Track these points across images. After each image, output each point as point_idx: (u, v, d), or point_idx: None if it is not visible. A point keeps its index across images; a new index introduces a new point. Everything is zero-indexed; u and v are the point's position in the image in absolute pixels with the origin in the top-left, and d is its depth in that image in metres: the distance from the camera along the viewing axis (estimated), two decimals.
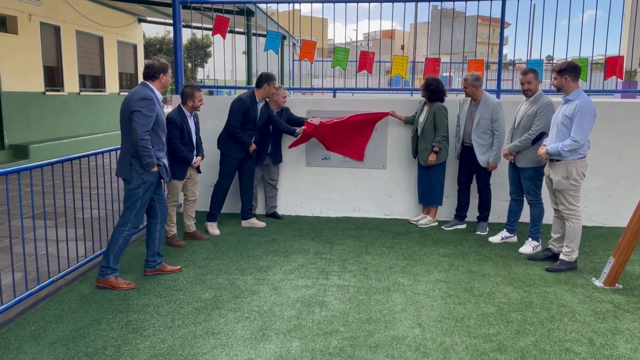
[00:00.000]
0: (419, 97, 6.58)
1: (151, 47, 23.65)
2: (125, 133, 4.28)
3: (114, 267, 4.35)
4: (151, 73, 4.39)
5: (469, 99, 5.93)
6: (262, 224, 6.35)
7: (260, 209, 6.86)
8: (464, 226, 6.27)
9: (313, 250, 5.45)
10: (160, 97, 4.42)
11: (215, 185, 6.10)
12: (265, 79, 5.93)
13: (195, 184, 5.68)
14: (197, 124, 5.61)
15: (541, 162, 5.13)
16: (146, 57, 21.68)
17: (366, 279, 4.65)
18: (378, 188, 6.80)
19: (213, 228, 6.02)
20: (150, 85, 4.37)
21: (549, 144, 4.82)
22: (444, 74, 18.43)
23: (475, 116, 5.82)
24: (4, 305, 3.78)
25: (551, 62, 7.45)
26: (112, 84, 14.53)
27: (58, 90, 12.12)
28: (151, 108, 4.21)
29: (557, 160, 4.78)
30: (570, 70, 4.70)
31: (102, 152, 5.23)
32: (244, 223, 6.32)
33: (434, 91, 6.04)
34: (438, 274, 4.78)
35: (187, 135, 5.38)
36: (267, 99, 6.20)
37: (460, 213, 6.27)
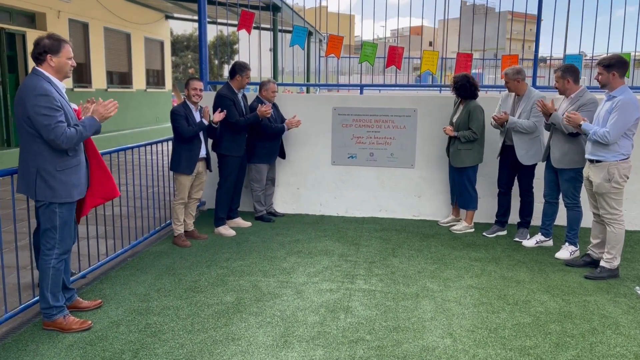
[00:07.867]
0: (447, 93, 6.32)
1: (178, 44, 23.78)
2: None
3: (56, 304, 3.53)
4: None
5: (512, 94, 5.58)
6: (248, 224, 6.12)
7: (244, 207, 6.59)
8: (504, 232, 5.91)
9: (338, 252, 5.27)
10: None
11: (218, 188, 5.82)
12: (238, 69, 5.74)
13: (202, 182, 5.53)
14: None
15: (582, 163, 4.84)
16: (173, 54, 21.81)
17: (393, 283, 4.45)
18: (406, 188, 6.58)
19: (227, 229, 5.80)
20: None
21: (588, 141, 4.55)
22: (474, 71, 18.03)
23: (517, 111, 5.49)
24: (22, 305, 3.70)
25: (591, 58, 7.05)
26: (139, 81, 14.60)
27: (86, 87, 12.20)
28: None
29: (597, 162, 4.49)
30: (619, 66, 4.38)
31: (125, 149, 5.16)
32: (230, 223, 6.01)
33: (463, 88, 5.73)
34: (469, 280, 4.54)
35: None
36: (271, 101, 6.10)
37: (502, 219, 5.91)
